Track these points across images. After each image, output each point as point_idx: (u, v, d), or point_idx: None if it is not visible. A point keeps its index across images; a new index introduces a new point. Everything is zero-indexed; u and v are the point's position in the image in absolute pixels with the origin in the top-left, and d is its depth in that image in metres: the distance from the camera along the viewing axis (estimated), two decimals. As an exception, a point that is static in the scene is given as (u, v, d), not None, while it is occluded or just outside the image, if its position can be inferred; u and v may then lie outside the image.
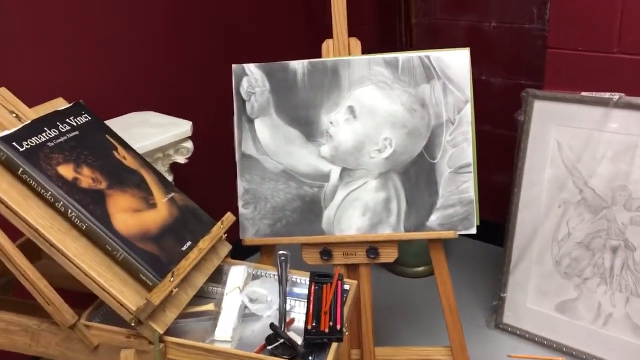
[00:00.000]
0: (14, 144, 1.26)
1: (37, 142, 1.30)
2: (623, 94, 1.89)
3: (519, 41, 2.51)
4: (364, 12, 2.71)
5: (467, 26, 2.63)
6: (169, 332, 1.27)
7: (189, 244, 1.40)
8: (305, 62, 1.74)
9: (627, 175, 1.92)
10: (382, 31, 2.80)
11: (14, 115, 1.37)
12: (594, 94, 1.95)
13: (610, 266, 1.99)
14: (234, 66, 1.76)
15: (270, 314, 1.41)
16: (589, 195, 2.00)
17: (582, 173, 2.01)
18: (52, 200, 1.25)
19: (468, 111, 1.70)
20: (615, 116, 1.91)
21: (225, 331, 1.33)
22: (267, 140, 1.76)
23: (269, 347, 1.28)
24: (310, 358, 1.27)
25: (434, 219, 1.73)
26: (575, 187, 2.03)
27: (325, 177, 1.75)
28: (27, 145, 1.28)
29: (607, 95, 1.92)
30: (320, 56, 1.76)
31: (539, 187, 2.10)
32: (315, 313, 1.36)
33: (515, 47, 2.53)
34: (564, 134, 2.03)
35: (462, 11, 2.63)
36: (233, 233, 1.64)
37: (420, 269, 2.66)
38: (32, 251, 1.43)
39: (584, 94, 1.97)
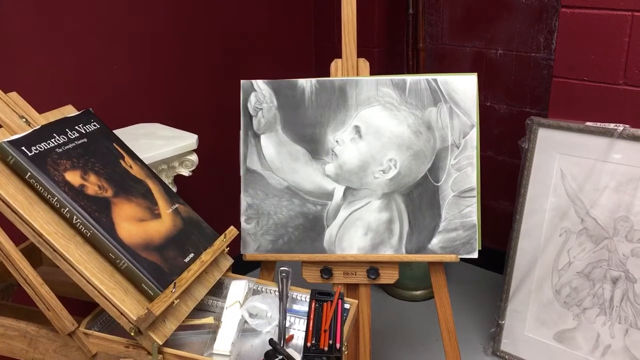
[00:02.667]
0: (23, 148, 1.27)
1: (46, 148, 1.31)
2: (627, 125, 1.91)
3: (524, 69, 2.53)
4: (373, 35, 2.74)
5: (473, 52, 2.65)
6: (167, 344, 1.27)
7: (191, 255, 1.40)
8: (313, 80, 1.75)
9: (629, 206, 1.92)
10: (390, 54, 2.83)
11: (24, 120, 1.38)
12: (598, 124, 1.96)
13: (610, 297, 1.99)
14: (242, 81, 1.77)
15: (269, 330, 1.40)
16: (590, 224, 2.01)
17: (584, 202, 2.01)
18: (58, 205, 1.25)
19: (473, 135, 1.71)
20: (619, 147, 1.92)
21: (224, 345, 1.32)
22: (272, 156, 1.76)
23: (268, 363, 1.28)
24: (309, 375, 1.27)
25: (435, 241, 1.73)
26: (576, 216, 2.03)
27: (329, 195, 1.75)
28: (36, 150, 1.28)
29: (611, 125, 1.93)
30: (327, 75, 1.78)
31: (541, 214, 2.11)
32: (314, 330, 1.36)
33: (520, 75, 2.55)
34: (567, 163, 2.04)
35: (469, 37, 2.65)
36: (234, 248, 1.64)
37: (418, 292, 2.66)
38: (33, 256, 1.43)
39: (588, 123, 1.98)
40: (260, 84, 1.76)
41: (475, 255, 1.73)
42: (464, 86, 1.70)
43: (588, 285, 2.03)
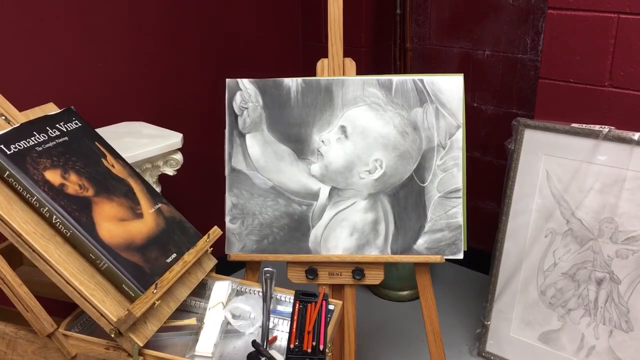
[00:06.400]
0: (2, 146, 1.25)
1: (25, 146, 1.29)
2: (613, 127, 1.91)
3: (511, 70, 2.53)
4: (360, 34, 2.73)
5: (461, 53, 2.65)
6: (148, 345, 1.25)
7: (173, 255, 1.38)
8: (299, 79, 1.74)
9: (614, 207, 1.93)
10: (377, 54, 2.82)
11: (3, 117, 1.36)
12: (583, 126, 1.96)
13: (595, 298, 1.99)
14: (227, 80, 1.75)
15: (252, 331, 1.39)
16: (575, 225, 2.01)
17: (569, 203, 2.02)
18: (37, 205, 1.23)
19: (459, 136, 1.71)
20: (604, 148, 1.92)
21: (206, 346, 1.31)
22: (257, 155, 1.75)
23: (250, 365, 1.26)
24: (292, 377, 1.26)
25: (421, 242, 1.73)
26: (562, 217, 2.03)
27: (314, 195, 1.74)
28: (15, 148, 1.26)
29: (596, 127, 1.93)
30: (314, 74, 1.77)
31: (527, 215, 2.11)
32: (298, 332, 1.35)
33: (507, 76, 2.55)
34: (552, 164, 2.04)
35: (456, 38, 2.65)
36: (218, 248, 1.62)
37: (404, 292, 2.65)
38: (13, 256, 1.41)
39: (574, 125, 1.99)
40: (245, 83, 1.75)
41: (460, 256, 1.72)
42: (450, 87, 1.70)
43: (573, 286, 2.03)
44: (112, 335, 1.21)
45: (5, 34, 1.90)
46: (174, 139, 1.95)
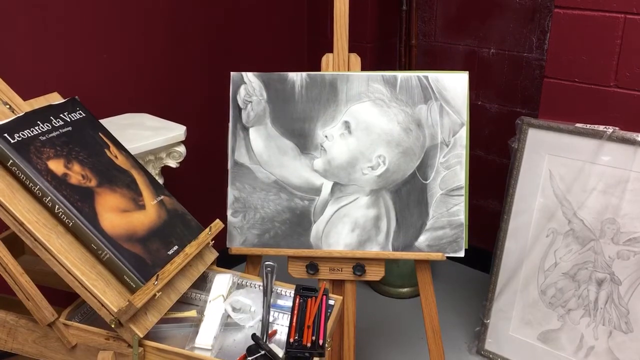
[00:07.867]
0: (5, 135, 1.25)
1: (29, 135, 1.29)
2: (617, 128, 1.91)
3: (516, 69, 2.53)
4: (365, 30, 2.73)
5: (466, 50, 2.65)
6: (148, 336, 1.26)
7: (175, 248, 1.38)
8: (304, 74, 1.73)
9: (617, 208, 1.92)
10: (382, 51, 2.82)
11: (8, 106, 1.36)
12: (587, 126, 1.96)
13: (595, 298, 1.99)
14: (232, 73, 1.75)
15: (252, 324, 1.39)
16: (577, 226, 2.01)
17: (571, 203, 2.01)
18: (40, 194, 1.23)
19: (463, 134, 1.71)
20: (608, 149, 1.92)
21: (206, 339, 1.31)
22: (260, 149, 1.75)
23: (249, 358, 1.26)
24: (291, 371, 1.26)
25: (422, 239, 1.73)
26: (564, 217, 2.03)
27: (317, 190, 1.74)
28: (19, 137, 1.26)
29: (601, 127, 1.93)
30: (319, 69, 1.76)
31: (529, 215, 2.11)
32: (298, 326, 1.35)
33: (512, 75, 2.55)
34: (556, 164, 2.04)
35: (462, 35, 2.65)
36: (220, 241, 1.62)
37: (405, 289, 2.65)
38: (16, 245, 1.41)
39: (578, 125, 1.98)
40: (250, 77, 1.75)
41: (461, 254, 1.72)
42: (454, 84, 1.70)
43: (573, 286, 2.03)
44: (113, 326, 1.21)
45: (11, 24, 1.90)
46: (177, 131, 1.95)
